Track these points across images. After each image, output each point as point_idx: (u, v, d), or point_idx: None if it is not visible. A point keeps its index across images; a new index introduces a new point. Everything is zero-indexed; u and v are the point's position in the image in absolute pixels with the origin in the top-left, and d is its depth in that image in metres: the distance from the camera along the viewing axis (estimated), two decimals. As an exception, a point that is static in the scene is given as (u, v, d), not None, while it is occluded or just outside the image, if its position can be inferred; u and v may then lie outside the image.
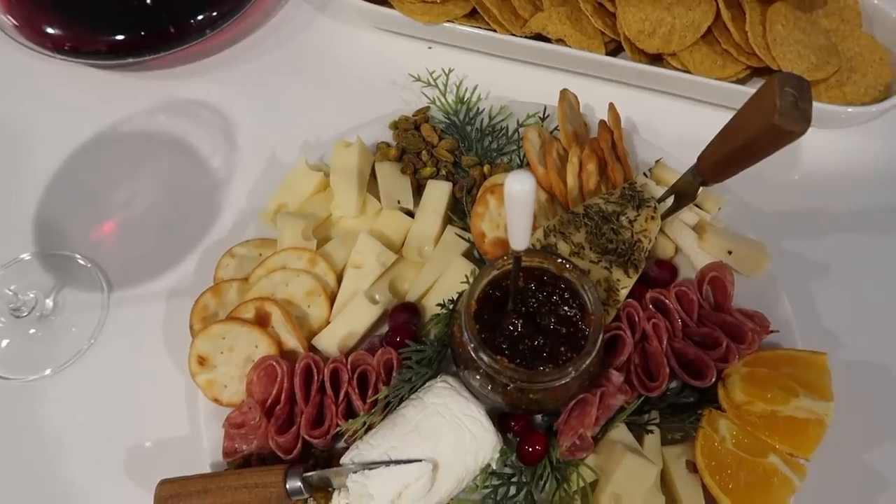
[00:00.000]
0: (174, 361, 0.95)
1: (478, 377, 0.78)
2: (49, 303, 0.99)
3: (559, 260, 0.76)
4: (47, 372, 0.95)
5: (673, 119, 1.10)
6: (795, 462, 0.81)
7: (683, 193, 0.89)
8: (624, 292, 0.83)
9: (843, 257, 1.02)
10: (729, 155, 0.77)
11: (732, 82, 1.06)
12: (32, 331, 0.97)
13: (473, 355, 0.74)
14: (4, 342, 0.97)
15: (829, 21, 1.10)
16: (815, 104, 1.00)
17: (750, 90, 1.03)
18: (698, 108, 1.12)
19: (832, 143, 1.11)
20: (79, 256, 1.02)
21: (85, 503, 0.87)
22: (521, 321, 0.77)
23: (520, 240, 0.69)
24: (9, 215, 1.05)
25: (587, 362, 0.72)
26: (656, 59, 1.10)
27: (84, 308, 0.99)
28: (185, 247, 1.03)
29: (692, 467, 0.82)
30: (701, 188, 0.86)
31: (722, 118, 1.12)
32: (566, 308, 0.78)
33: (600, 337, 0.73)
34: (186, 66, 1.19)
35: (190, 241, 1.04)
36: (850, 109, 1.04)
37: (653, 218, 0.87)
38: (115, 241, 1.05)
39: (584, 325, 0.76)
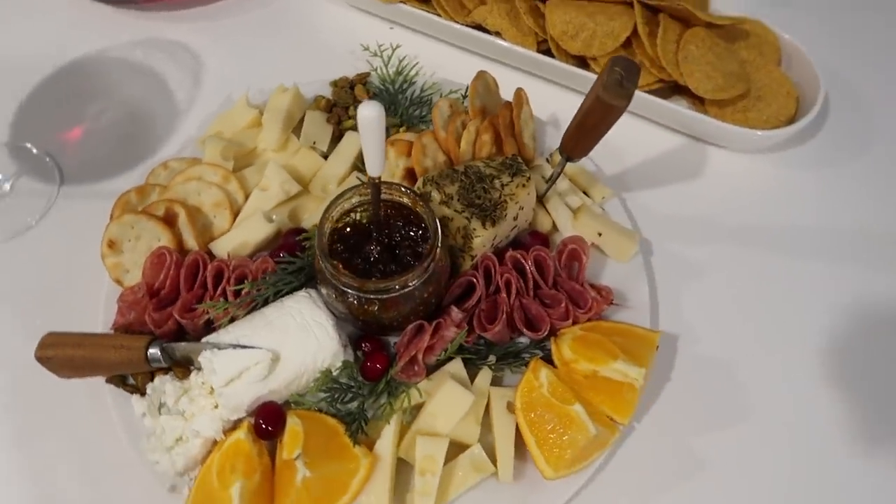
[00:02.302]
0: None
1: (326, 288, 0.88)
2: (7, 186, 1.13)
3: (411, 194, 0.86)
4: (-10, 242, 1.09)
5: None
6: (606, 419, 0.89)
7: (556, 172, 0.99)
8: (478, 241, 0.92)
9: (716, 265, 1.09)
10: (576, 129, 0.87)
11: (646, 92, 1.15)
12: (-14, 203, 1.11)
13: (322, 263, 0.84)
14: (-39, 212, 1.11)
15: (748, 53, 1.19)
16: (725, 125, 1.11)
17: (662, 102, 1.14)
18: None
19: (730, 164, 1.19)
20: (41, 151, 1.16)
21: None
22: (378, 249, 0.87)
23: (374, 166, 0.79)
24: (-8, 109, 1.21)
25: (410, 278, 0.81)
26: (583, 63, 1.20)
27: (36, 195, 1.13)
28: (135, 160, 1.17)
29: (511, 408, 0.90)
30: (566, 163, 0.95)
31: (633, 124, 1.23)
32: (424, 246, 0.88)
33: (430, 262, 0.82)
34: (174, 11, 1.35)
35: (140, 156, 1.17)
36: (759, 133, 1.12)
37: (524, 186, 0.96)
38: (76, 145, 1.19)
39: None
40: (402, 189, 0.87)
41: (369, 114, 0.72)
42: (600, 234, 1.02)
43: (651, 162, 1.19)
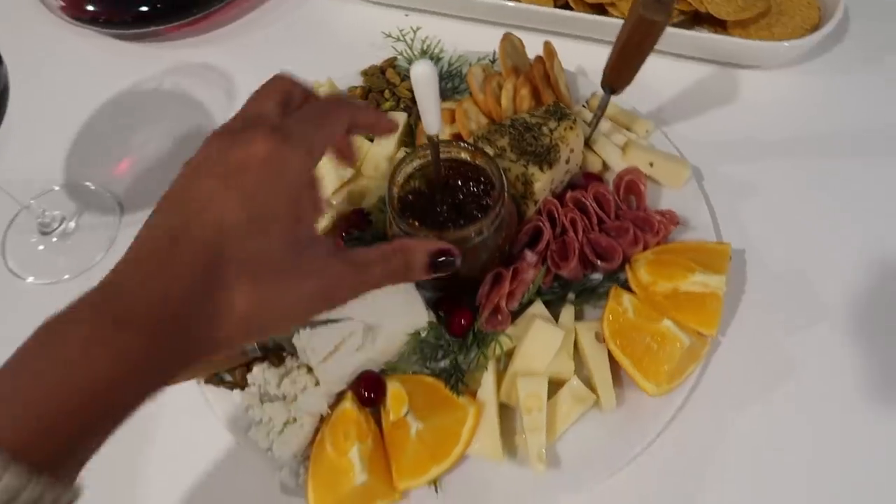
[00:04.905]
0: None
1: (403, 250, 0.90)
2: (72, 224, 1.18)
3: (469, 148, 0.89)
4: (66, 277, 1.13)
5: (616, 64, 1.22)
6: (694, 333, 0.90)
7: (600, 108, 1.02)
8: (538, 185, 0.94)
9: (767, 180, 1.11)
10: (618, 56, 0.89)
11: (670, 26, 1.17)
12: (55, 240, 1.15)
13: (396, 226, 0.86)
14: (34, 253, 1.15)
15: (764, -30, 1.21)
16: (752, 42, 1.14)
17: (686, 32, 1.16)
18: (640, 54, 1.24)
19: (762, 83, 1.21)
20: (99, 187, 1.21)
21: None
22: (445, 210, 0.90)
23: (432, 123, 0.81)
24: (45, 155, 1.25)
25: (485, 225, 0.83)
26: (602, 11, 1.22)
27: (100, 228, 1.17)
28: (187, 180, 1.21)
29: (600, 337, 0.91)
30: (610, 97, 0.98)
31: (660, 62, 1.25)
32: (488, 199, 0.90)
33: (499, 208, 0.84)
34: (197, 37, 1.39)
35: (191, 176, 1.21)
36: (786, 44, 1.14)
37: (571, 128, 0.99)
38: (129, 176, 1.23)
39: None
40: (460, 144, 0.89)
41: (423, 70, 0.74)
42: (651, 165, 1.04)
43: (685, 94, 1.21)
